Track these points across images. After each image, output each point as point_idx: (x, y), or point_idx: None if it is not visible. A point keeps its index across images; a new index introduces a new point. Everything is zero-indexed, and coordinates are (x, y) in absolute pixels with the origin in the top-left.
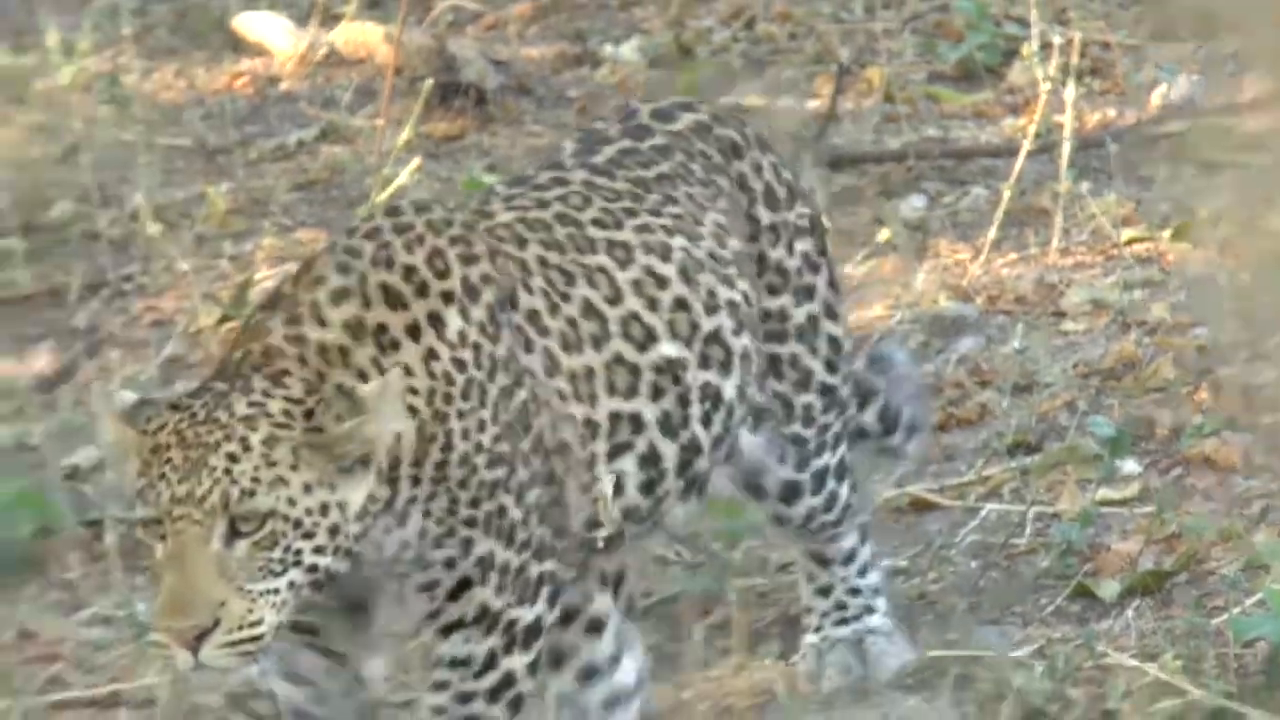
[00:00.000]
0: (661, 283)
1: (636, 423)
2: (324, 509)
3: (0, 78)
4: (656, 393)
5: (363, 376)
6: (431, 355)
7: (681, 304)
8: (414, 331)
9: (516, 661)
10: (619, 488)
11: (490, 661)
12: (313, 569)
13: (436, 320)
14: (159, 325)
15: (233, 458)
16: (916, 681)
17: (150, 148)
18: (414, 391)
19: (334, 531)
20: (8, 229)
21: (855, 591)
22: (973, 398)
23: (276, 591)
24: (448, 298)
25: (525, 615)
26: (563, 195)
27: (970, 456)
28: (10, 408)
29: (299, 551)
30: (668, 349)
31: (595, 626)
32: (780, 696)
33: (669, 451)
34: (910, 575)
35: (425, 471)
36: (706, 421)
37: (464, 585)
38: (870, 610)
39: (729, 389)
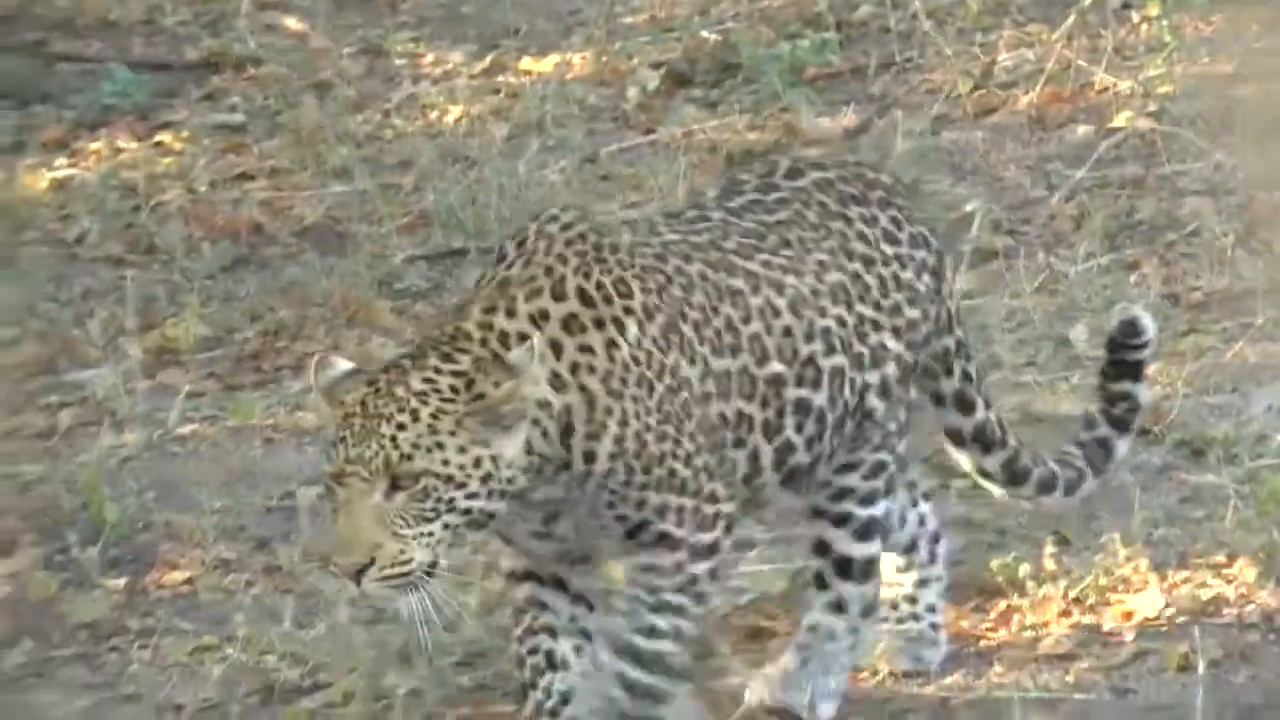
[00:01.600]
0: (776, 313)
1: (750, 423)
2: (477, 462)
3: None
4: (764, 402)
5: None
6: (612, 344)
7: (787, 332)
8: (599, 323)
9: (699, 567)
10: (734, 470)
11: (677, 567)
12: (467, 511)
13: (619, 323)
14: (930, 93)
15: (401, 427)
16: None
17: None
18: (591, 370)
19: (486, 479)
20: (827, 24)
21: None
22: None
23: (431, 534)
24: (629, 311)
25: (704, 538)
26: (709, 227)
27: None
28: (828, 149)
29: (451, 500)
30: (776, 367)
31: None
32: None
33: (766, 450)
34: None
35: (603, 447)
36: (799, 428)
37: (647, 523)
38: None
39: (819, 400)
